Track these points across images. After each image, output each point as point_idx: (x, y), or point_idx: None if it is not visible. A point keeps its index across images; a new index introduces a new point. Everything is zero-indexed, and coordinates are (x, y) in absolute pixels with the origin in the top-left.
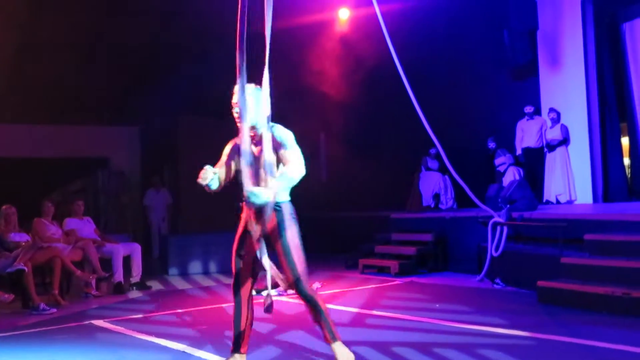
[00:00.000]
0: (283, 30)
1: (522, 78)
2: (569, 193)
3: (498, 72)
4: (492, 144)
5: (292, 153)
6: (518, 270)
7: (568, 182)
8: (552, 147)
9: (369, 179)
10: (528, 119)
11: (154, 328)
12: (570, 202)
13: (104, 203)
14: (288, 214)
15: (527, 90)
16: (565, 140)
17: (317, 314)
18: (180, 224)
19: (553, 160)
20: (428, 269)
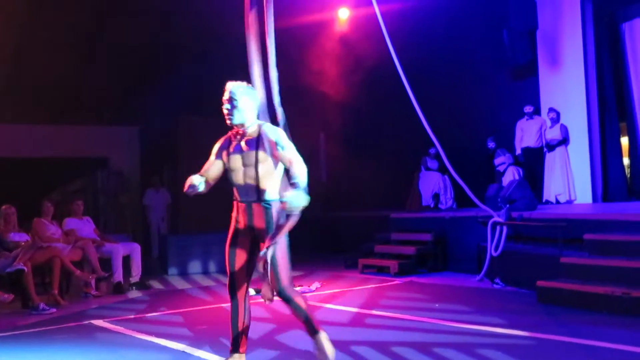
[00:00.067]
0: (283, 30)
1: (521, 78)
2: (569, 193)
3: (498, 72)
4: (491, 144)
5: (290, 152)
6: (518, 270)
7: (568, 182)
8: (551, 147)
9: (369, 179)
10: (528, 119)
11: (154, 328)
12: (570, 202)
13: (104, 203)
14: (276, 214)
15: (526, 90)
16: (565, 140)
17: (299, 314)
18: (180, 224)
19: (553, 160)
20: (428, 269)
